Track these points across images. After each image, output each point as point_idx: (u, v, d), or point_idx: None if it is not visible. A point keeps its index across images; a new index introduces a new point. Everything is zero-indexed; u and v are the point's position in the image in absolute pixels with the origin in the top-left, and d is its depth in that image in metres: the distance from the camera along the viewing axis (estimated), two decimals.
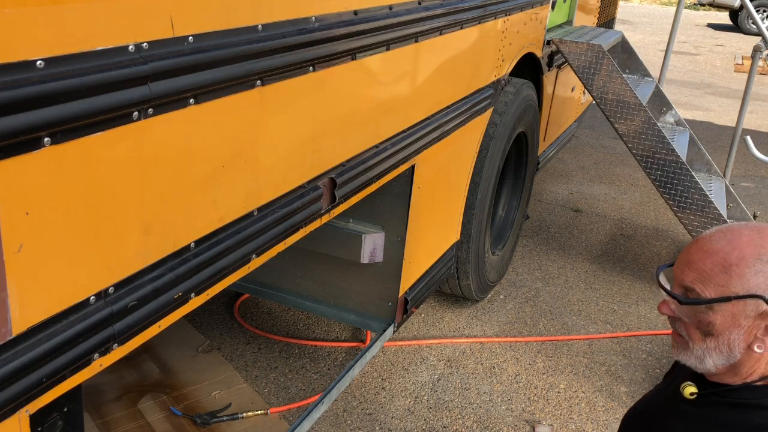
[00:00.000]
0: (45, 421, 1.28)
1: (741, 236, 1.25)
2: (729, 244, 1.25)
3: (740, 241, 1.25)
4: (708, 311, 1.25)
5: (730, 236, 1.26)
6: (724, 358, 1.27)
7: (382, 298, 2.86)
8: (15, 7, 1.06)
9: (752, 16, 4.47)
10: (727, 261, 1.23)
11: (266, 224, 1.77)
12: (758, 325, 1.23)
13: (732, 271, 1.22)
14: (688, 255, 1.29)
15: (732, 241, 1.25)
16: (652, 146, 3.76)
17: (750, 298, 1.21)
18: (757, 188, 5.90)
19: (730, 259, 1.23)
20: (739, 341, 1.25)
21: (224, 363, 3.15)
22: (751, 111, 8.22)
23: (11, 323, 1.16)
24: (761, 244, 1.23)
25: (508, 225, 4.04)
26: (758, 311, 1.22)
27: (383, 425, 2.87)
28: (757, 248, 1.23)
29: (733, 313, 1.23)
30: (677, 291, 1.30)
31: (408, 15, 2.24)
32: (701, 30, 15.53)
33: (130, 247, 1.38)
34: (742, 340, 1.24)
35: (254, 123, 1.66)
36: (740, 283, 1.22)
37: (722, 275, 1.23)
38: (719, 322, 1.25)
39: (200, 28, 1.42)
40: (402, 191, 2.65)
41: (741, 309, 1.23)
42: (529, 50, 3.59)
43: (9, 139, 1.08)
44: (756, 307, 1.22)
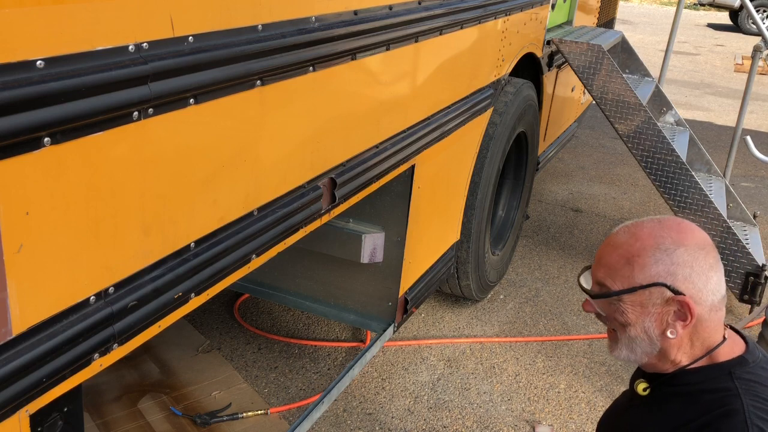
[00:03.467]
0: (45, 421, 1.28)
1: (643, 228, 1.31)
2: (632, 236, 1.31)
3: (642, 233, 1.30)
4: (619, 303, 1.31)
5: (633, 229, 1.32)
6: (648, 346, 1.33)
7: (382, 298, 2.86)
8: (15, 7, 1.06)
9: (752, 16, 4.47)
10: (630, 253, 1.29)
11: (266, 224, 1.77)
12: (667, 311, 1.28)
13: (634, 262, 1.28)
14: (599, 252, 1.36)
15: (634, 234, 1.31)
16: (652, 146, 3.76)
17: (654, 287, 1.27)
18: (757, 188, 5.90)
19: (632, 251, 1.29)
20: (653, 328, 1.30)
21: (224, 363, 3.15)
22: (751, 111, 8.22)
23: (11, 323, 1.16)
24: (660, 234, 1.29)
25: (508, 225, 4.04)
26: (664, 298, 1.27)
27: (383, 425, 2.87)
28: (657, 238, 1.28)
29: (641, 302, 1.29)
30: (594, 288, 1.36)
31: (408, 15, 2.24)
32: (701, 30, 15.53)
33: (130, 247, 1.38)
34: (655, 327, 1.30)
35: (254, 123, 1.66)
36: (643, 273, 1.28)
37: (626, 267, 1.29)
38: (630, 312, 1.30)
39: (200, 28, 1.42)
40: (402, 191, 2.65)
41: (648, 297, 1.28)
42: (529, 50, 3.59)
43: (9, 139, 1.08)
44: (661, 295, 1.27)
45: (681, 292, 1.26)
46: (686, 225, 1.32)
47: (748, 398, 1.24)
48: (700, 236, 1.30)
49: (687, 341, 1.32)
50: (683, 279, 1.26)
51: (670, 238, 1.28)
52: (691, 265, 1.26)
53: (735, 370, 1.30)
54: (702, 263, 1.27)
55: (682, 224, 1.31)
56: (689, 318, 1.27)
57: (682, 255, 1.26)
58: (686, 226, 1.31)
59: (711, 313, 1.30)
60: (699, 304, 1.27)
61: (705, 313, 1.29)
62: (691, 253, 1.27)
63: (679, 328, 1.29)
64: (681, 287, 1.26)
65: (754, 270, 3.69)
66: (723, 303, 1.31)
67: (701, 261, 1.27)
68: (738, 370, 1.30)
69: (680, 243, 1.27)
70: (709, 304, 1.28)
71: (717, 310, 1.31)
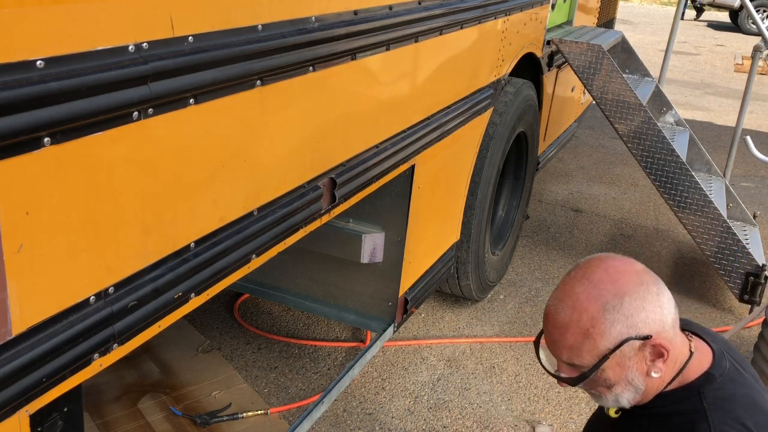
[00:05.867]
0: (45, 421, 1.28)
1: (579, 297, 1.29)
2: (574, 310, 1.29)
3: (580, 302, 1.28)
4: (598, 372, 1.30)
5: (571, 302, 1.29)
6: (634, 393, 1.33)
7: (382, 298, 2.86)
8: (15, 7, 1.06)
9: (752, 16, 4.47)
10: (583, 328, 1.27)
11: (266, 224, 1.76)
12: (643, 357, 1.29)
13: (592, 334, 1.27)
14: (549, 334, 1.34)
15: (575, 306, 1.29)
16: (652, 146, 3.76)
17: (621, 345, 1.27)
18: (757, 188, 5.90)
19: (583, 324, 1.27)
20: (637, 377, 1.31)
21: (224, 363, 3.15)
22: (751, 111, 8.22)
23: (11, 323, 1.16)
24: (599, 294, 1.27)
25: (508, 225, 4.04)
26: (635, 348, 1.28)
27: (383, 425, 2.87)
28: (598, 301, 1.27)
29: (618, 362, 1.29)
30: (564, 369, 1.34)
31: (408, 15, 2.24)
32: (701, 30, 15.53)
33: (130, 247, 1.38)
34: (638, 375, 1.30)
35: (254, 123, 1.66)
36: (606, 340, 1.27)
37: (587, 342, 1.28)
38: (612, 375, 1.30)
39: (200, 28, 1.42)
40: (402, 191, 2.65)
41: (621, 356, 1.28)
42: (529, 50, 3.59)
43: (9, 139, 1.08)
44: (632, 347, 1.27)
45: (647, 335, 1.26)
46: (614, 268, 1.30)
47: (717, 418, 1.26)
48: (631, 272, 1.30)
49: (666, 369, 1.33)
50: (643, 323, 1.26)
51: (609, 294, 1.27)
52: (642, 306, 1.26)
53: (703, 389, 1.31)
54: (649, 298, 1.27)
55: (609, 269, 1.30)
56: (666, 353, 1.28)
57: (629, 304, 1.26)
58: (614, 270, 1.30)
59: (675, 330, 1.31)
60: (665, 332, 1.28)
61: (671, 335, 1.30)
62: (636, 296, 1.27)
63: (661, 364, 1.30)
64: (645, 331, 1.26)
65: (754, 270, 3.69)
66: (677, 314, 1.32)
67: (647, 296, 1.27)
68: (706, 388, 1.31)
69: (621, 294, 1.27)
70: (671, 325, 1.29)
71: (676, 325, 1.32)
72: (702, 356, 1.36)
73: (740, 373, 1.36)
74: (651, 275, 1.31)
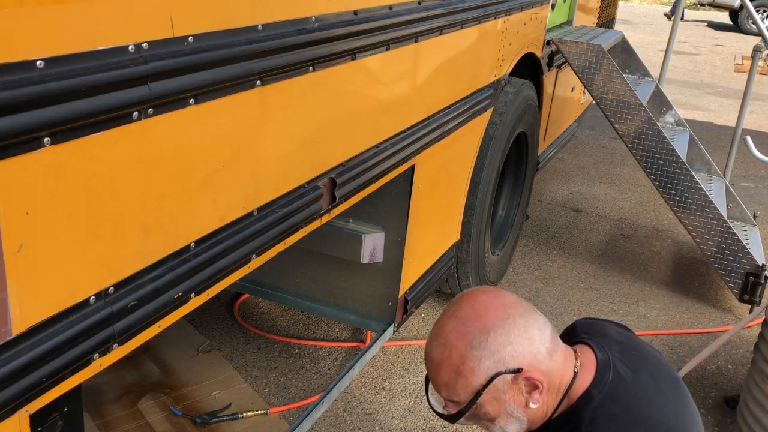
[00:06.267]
0: (45, 421, 1.28)
1: (449, 335, 1.30)
2: (444, 348, 1.30)
3: (449, 339, 1.30)
4: (477, 408, 1.31)
5: (442, 340, 1.31)
6: (518, 424, 1.34)
7: (382, 298, 2.86)
8: (15, 7, 1.06)
9: (752, 16, 4.47)
10: (453, 366, 1.29)
11: (266, 224, 1.76)
12: (518, 389, 1.29)
13: (462, 371, 1.28)
14: (428, 372, 1.36)
15: (445, 344, 1.30)
16: (652, 146, 3.76)
17: (493, 380, 1.27)
18: (757, 188, 5.90)
19: (453, 363, 1.29)
20: (516, 409, 1.31)
21: (224, 363, 3.15)
22: (751, 111, 8.22)
23: (11, 323, 1.16)
24: (465, 331, 1.28)
25: (508, 225, 4.04)
26: (508, 382, 1.28)
27: (383, 425, 2.87)
28: (465, 338, 1.28)
29: (493, 397, 1.29)
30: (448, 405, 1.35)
31: (408, 15, 2.24)
32: (701, 30, 15.53)
33: (130, 247, 1.38)
34: (517, 407, 1.31)
35: (254, 123, 1.66)
36: (477, 377, 1.28)
37: (460, 379, 1.29)
38: (491, 409, 1.31)
39: (200, 28, 1.42)
40: (402, 191, 2.65)
41: (495, 391, 1.29)
42: (529, 50, 3.59)
43: (9, 139, 1.08)
44: (504, 381, 1.28)
45: (518, 368, 1.27)
46: (480, 303, 1.31)
47: None
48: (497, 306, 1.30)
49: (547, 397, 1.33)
50: (512, 357, 1.27)
51: (475, 330, 1.28)
52: (508, 341, 1.27)
53: (582, 411, 1.30)
54: (515, 331, 1.27)
55: (476, 305, 1.31)
56: (540, 384, 1.28)
57: (495, 339, 1.27)
58: (481, 306, 1.30)
59: (552, 358, 1.30)
60: (539, 363, 1.28)
61: (547, 364, 1.29)
62: (501, 330, 1.27)
63: (537, 395, 1.30)
64: (515, 365, 1.27)
65: (754, 270, 3.70)
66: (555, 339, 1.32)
67: (513, 330, 1.27)
68: (584, 410, 1.30)
69: (486, 329, 1.27)
70: (545, 355, 1.29)
71: (554, 351, 1.31)
72: (586, 373, 1.34)
73: (624, 384, 1.33)
74: (519, 307, 1.30)
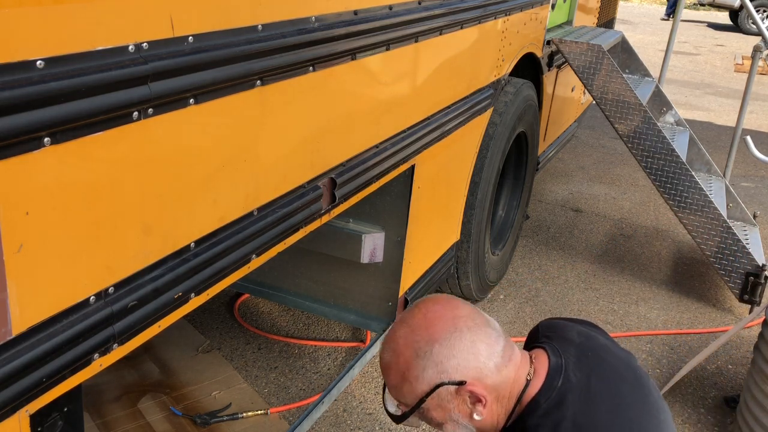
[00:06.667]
0: (45, 421, 1.28)
1: (398, 340, 1.31)
2: (393, 353, 1.32)
3: (398, 346, 1.31)
4: (423, 412, 1.32)
5: (392, 344, 1.32)
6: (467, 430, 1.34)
7: (382, 298, 2.86)
8: (15, 7, 1.06)
9: (752, 16, 4.47)
10: (400, 370, 1.30)
11: (266, 224, 1.77)
12: (462, 401, 1.29)
13: (408, 377, 1.30)
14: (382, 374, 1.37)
15: (394, 349, 1.32)
16: (652, 146, 3.76)
17: (436, 389, 1.28)
18: (757, 188, 5.90)
19: (400, 368, 1.30)
20: (460, 418, 1.32)
21: (224, 363, 3.15)
22: (751, 111, 8.22)
23: (11, 323, 1.16)
24: (413, 339, 1.29)
25: (508, 225, 4.04)
26: (452, 393, 1.29)
27: (383, 425, 2.87)
28: (412, 346, 1.29)
29: (438, 404, 1.30)
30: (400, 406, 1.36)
31: (408, 15, 2.24)
32: (701, 30, 15.53)
33: (130, 247, 1.38)
34: (462, 417, 1.31)
35: (254, 123, 1.66)
36: (420, 384, 1.29)
37: (406, 384, 1.30)
38: (436, 415, 1.32)
39: (200, 28, 1.42)
40: (402, 191, 2.65)
41: (439, 399, 1.29)
42: (529, 50, 3.59)
43: (9, 139, 1.08)
44: (448, 392, 1.28)
45: (462, 381, 1.27)
46: (432, 313, 1.31)
47: None
48: (448, 318, 1.30)
49: (497, 408, 1.32)
50: (455, 370, 1.27)
51: (422, 340, 1.28)
52: (452, 354, 1.27)
53: (528, 419, 1.30)
54: (460, 346, 1.27)
55: (428, 314, 1.31)
56: (483, 399, 1.28)
57: (439, 351, 1.27)
58: (432, 315, 1.31)
59: (501, 373, 1.30)
60: (485, 377, 1.28)
61: (495, 378, 1.29)
62: (446, 343, 1.27)
63: (481, 408, 1.30)
64: (458, 377, 1.27)
65: (754, 270, 3.70)
66: (507, 353, 1.31)
67: (458, 344, 1.27)
68: (530, 418, 1.29)
69: (432, 340, 1.28)
70: (492, 369, 1.28)
71: (505, 365, 1.30)
72: (537, 379, 1.33)
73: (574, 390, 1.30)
74: (469, 320, 1.30)
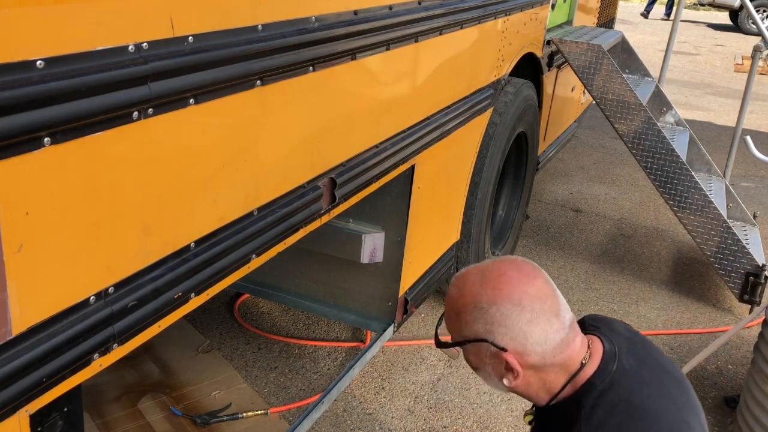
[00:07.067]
0: (45, 421, 1.28)
1: (466, 283, 1.35)
2: (458, 291, 1.35)
3: (465, 288, 1.34)
4: (463, 350, 1.37)
5: (461, 283, 1.36)
6: (496, 387, 1.38)
7: (382, 298, 2.86)
8: (15, 7, 1.06)
9: (752, 16, 4.47)
10: (457, 308, 1.34)
11: (266, 224, 1.77)
12: (498, 363, 1.32)
13: (460, 318, 1.34)
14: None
15: (459, 289, 1.35)
16: (652, 146, 3.76)
17: (478, 342, 1.31)
18: (757, 188, 5.90)
19: (458, 306, 1.34)
20: (493, 375, 1.35)
21: (224, 363, 3.15)
22: (751, 111, 8.22)
23: (11, 323, 1.16)
24: (479, 291, 1.31)
25: (508, 225, 4.04)
26: (491, 352, 1.31)
27: (383, 425, 2.87)
28: (475, 296, 1.31)
29: (476, 353, 1.34)
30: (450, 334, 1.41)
31: (408, 15, 2.24)
32: (701, 30, 15.53)
33: (130, 247, 1.38)
34: (494, 374, 1.35)
35: (254, 123, 1.66)
36: (468, 329, 1.33)
37: (456, 321, 1.35)
38: (473, 360, 1.37)
39: (200, 28, 1.42)
40: (402, 191, 2.65)
41: (479, 350, 1.33)
42: (529, 50, 3.59)
43: (9, 139, 1.08)
44: (488, 349, 1.31)
45: (503, 347, 1.29)
46: (507, 278, 1.32)
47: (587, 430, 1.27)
48: (519, 290, 1.30)
49: (536, 381, 1.34)
50: (501, 336, 1.29)
51: (485, 295, 1.30)
52: (504, 323, 1.28)
53: (583, 398, 1.31)
54: (517, 320, 1.28)
55: (503, 277, 1.32)
56: (517, 372, 1.31)
57: (494, 314, 1.29)
58: (506, 280, 1.31)
59: (552, 358, 1.30)
60: (527, 355, 1.29)
61: (540, 361, 1.30)
62: (504, 311, 1.28)
63: (512, 378, 1.32)
64: (502, 343, 1.29)
65: (754, 270, 3.70)
66: (565, 344, 1.31)
67: (515, 318, 1.28)
68: (585, 398, 1.31)
69: (493, 302, 1.29)
70: (540, 354, 1.29)
71: (559, 353, 1.31)
72: (592, 363, 1.35)
73: (628, 376, 1.33)
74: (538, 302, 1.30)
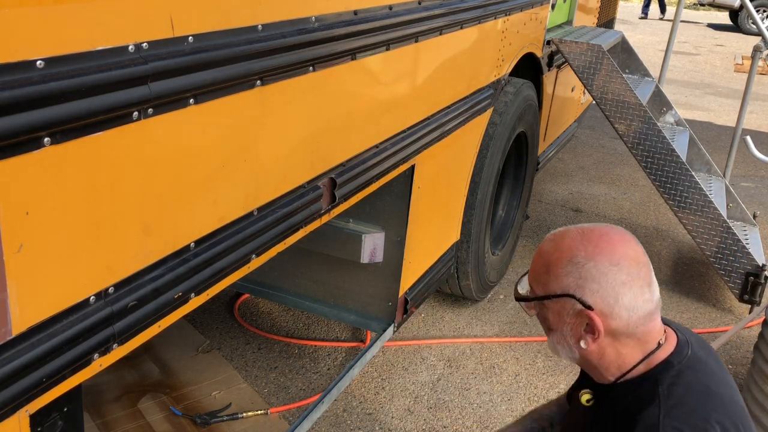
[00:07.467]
0: (45, 421, 1.28)
1: (565, 238, 1.33)
2: (554, 245, 1.34)
3: (563, 243, 1.33)
4: (542, 308, 1.35)
5: (558, 238, 1.35)
6: (569, 352, 1.35)
7: (382, 298, 2.86)
8: (15, 7, 1.06)
9: (752, 16, 4.47)
10: (549, 262, 1.33)
11: (266, 224, 1.77)
12: (580, 323, 1.30)
13: (551, 271, 1.32)
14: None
15: (557, 243, 1.34)
16: (652, 146, 3.76)
17: (564, 297, 1.30)
18: (757, 188, 5.90)
19: (551, 260, 1.32)
20: (569, 337, 1.33)
21: (224, 363, 3.15)
22: (751, 111, 8.22)
23: (11, 323, 1.16)
24: (577, 246, 1.30)
25: (508, 225, 4.04)
26: (575, 310, 1.30)
27: (383, 425, 2.87)
28: (572, 250, 1.30)
29: (558, 310, 1.32)
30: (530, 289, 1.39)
31: (408, 15, 2.24)
32: (701, 30, 15.53)
33: (130, 247, 1.38)
34: (571, 335, 1.33)
35: (254, 123, 1.66)
36: (556, 283, 1.31)
37: (545, 275, 1.33)
38: (551, 318, 1.34)
39: (200, 28, 1.42)
40: (402, 191, 2.65)
41: (562, 307, 1.31)
42: (529, 50, 3.59)
43: (9, 139, 1.08)
44: (573, 306, 1.30)
45: (590, 306, 1.27)
46: (609, 238, 1.31)
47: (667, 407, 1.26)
48: (620, 251, 1.29)
49: (611, 352, 1.33)
50: (591, 293, 1.27)
51: (583, 251, 1.29)
52: (599, 280, 1.27)
53: (661, 375, 1.31)
54: (611, 279, 1.27)
55: (604, 237, 1.31)
56: (597, 333, 1.29)
57: (590, 270, 1.28)
58: (607, 240, 1.31)
59: (634, 328, 1.29)
60: (612, 318, 1.28)
61: (622, 328, 1.29)
62: (601, 268, 1.27)
63: (590, 340, 1.31)
64: (590, 301, 1.27)
65: (754, 270, 3.69)
66: (650, 317, 1.31)
67: (611, 277, 1.27)
68: (663, 375, 1.31)
69: (592, 257, 1.28)
70: (625, 320, 1.28)
71: (642, 324, 1.30)
72: (668, 345, 1.36)
73: (701, 363, 1.35)
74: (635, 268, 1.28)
